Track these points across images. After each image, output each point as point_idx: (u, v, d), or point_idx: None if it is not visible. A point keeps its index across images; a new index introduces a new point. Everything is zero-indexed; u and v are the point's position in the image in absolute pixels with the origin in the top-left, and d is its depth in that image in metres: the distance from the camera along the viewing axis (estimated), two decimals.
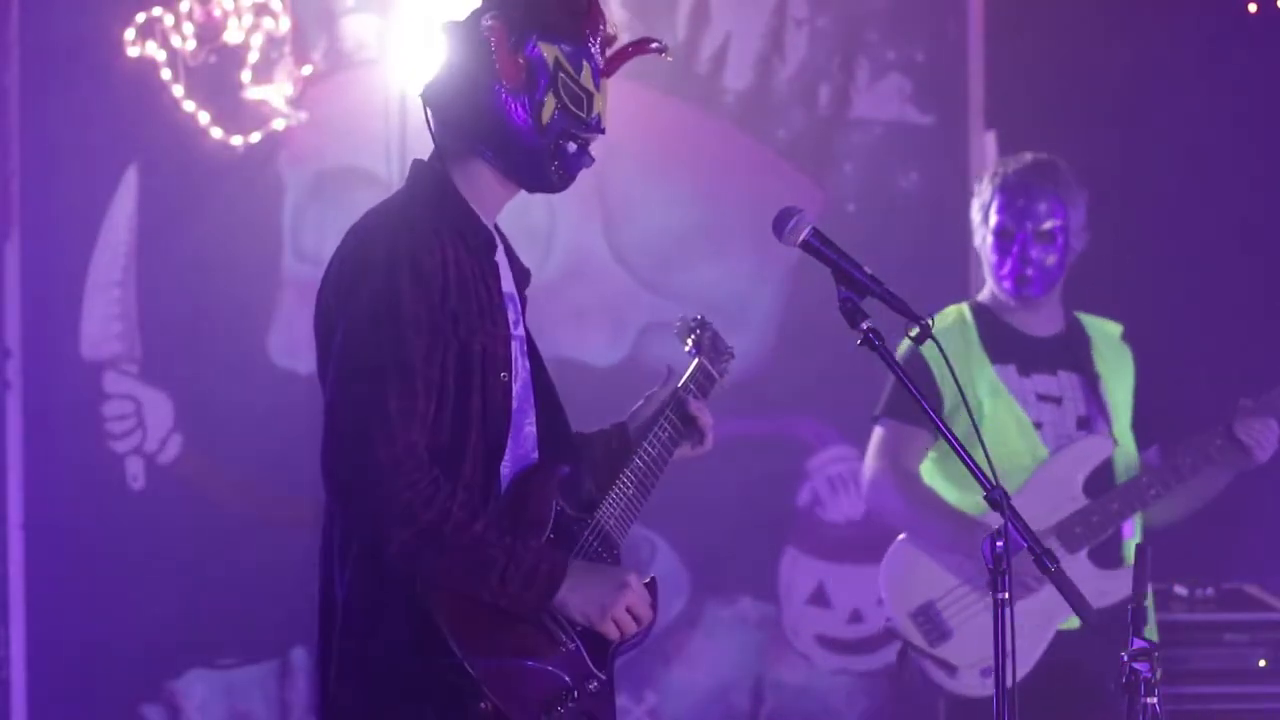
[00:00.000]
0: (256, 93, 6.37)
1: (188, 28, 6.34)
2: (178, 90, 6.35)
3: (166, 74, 6.34)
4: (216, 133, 6.37)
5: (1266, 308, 6.28)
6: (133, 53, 6.33)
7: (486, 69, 3.37)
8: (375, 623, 3.28)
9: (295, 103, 6.39)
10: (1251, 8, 6.44)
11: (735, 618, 6.59)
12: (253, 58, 6.36)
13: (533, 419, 3.47)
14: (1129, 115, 6.27)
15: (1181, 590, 5.64)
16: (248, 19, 6.36)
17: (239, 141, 6.38)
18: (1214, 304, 6.23)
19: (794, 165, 6.61)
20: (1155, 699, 3.63)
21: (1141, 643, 3.70)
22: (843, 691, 6.60)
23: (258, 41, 6.37)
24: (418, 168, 3.48)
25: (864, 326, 3.32)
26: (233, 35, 6.35)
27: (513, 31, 3.36)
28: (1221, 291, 6.26)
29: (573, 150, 3.41)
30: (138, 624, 6.32)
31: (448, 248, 3.33)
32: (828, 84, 6.61)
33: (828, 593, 6.63)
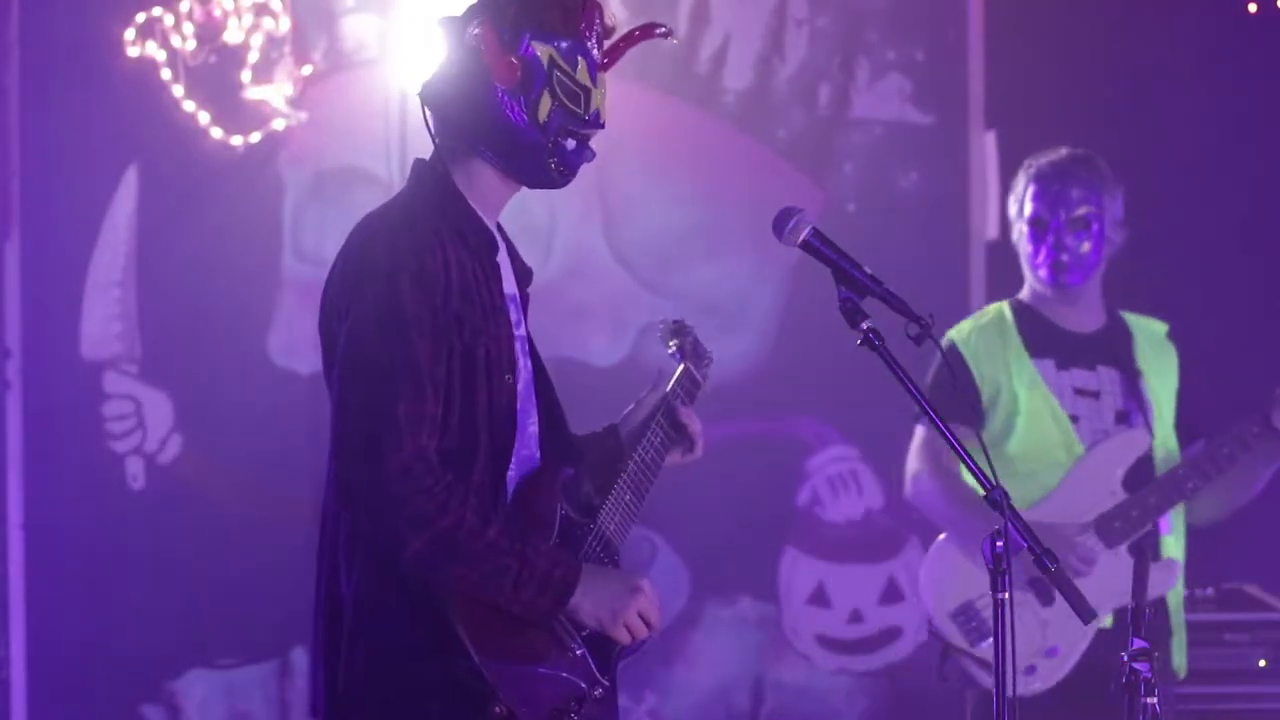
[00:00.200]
0: (256, 93, 6.37)
1: (188, 28, 6.34)
2: (178, 90, 6.35)
3: (166, 74, 6.35)
4: (216, 133, 6.37)
5: (1267, 308, 6.28)
6: (133, 53, 6.33)
7: (480, 70, 3.35)
8: (386, 625, 3.26)
9: (295, 103, 6.39)
10: (1251, 8, 6.44)
11: (735, 618, 6.58)
12: (253, 58, 6.36)
13: (535, 419, 3.46)
14: (1129, 115, 6.27)
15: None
16: (248, 19, 6.35)
17: (239, 141, 6.38)
18: (1214, 304, 6.22)
19: (794, 165, 6.61)
20: (1155, 699, 3.63)
21: (1141, 643, 3.70)
22: (843, 691, 6.60)
23: (258, 41, 6.37)
24: (419, 167, 3.46)
25: (864, 326, 3.31)
26: (233, 35, 6.35)
27: (504, 32, 3.34)
28: (1221, 291, 6.26)
29: (572, 147, 3.39)
30: (138, 624, 6.32)
31: (449, 249, 3.31)
32: (828, 84, 6.61)
33: (828, 593, 6.63)
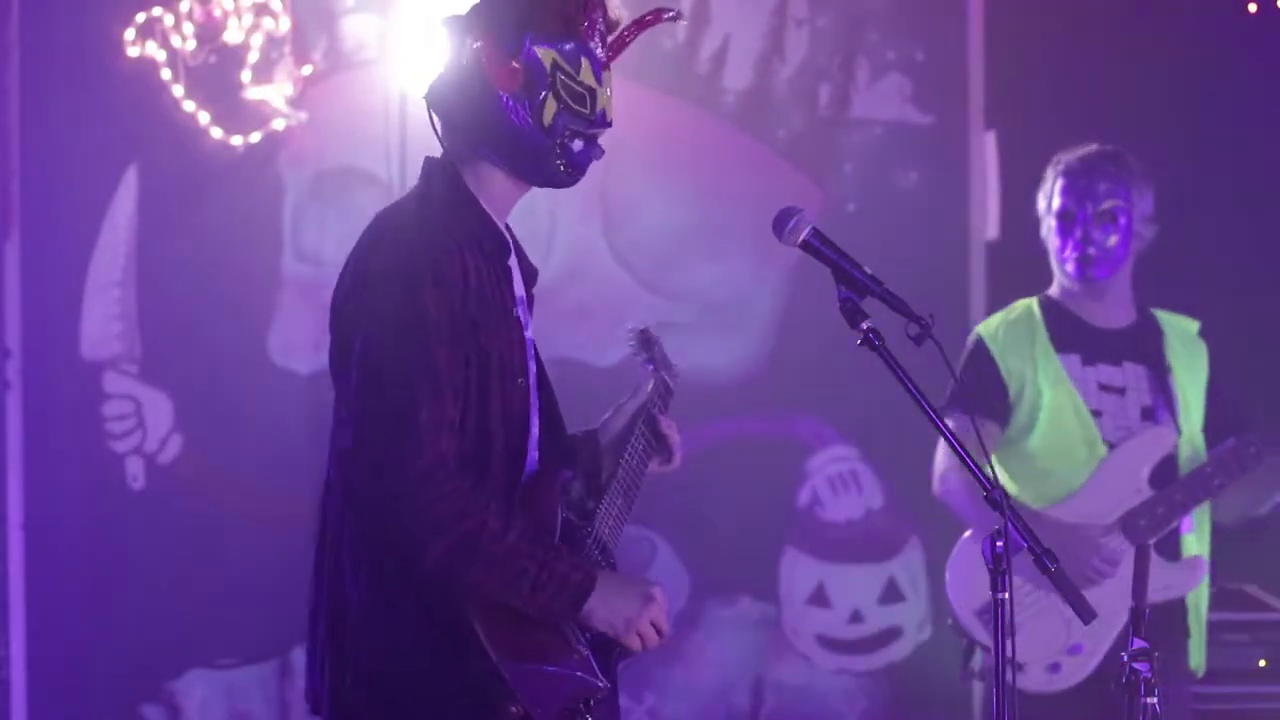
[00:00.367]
0: (256, 93, 6.37)
1: (188, 28, 6.34)
2: (178, 90, 6.35)
3: (166, 74, 6.34)
4: (216, 133, 6.37)
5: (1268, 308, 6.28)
6: (133, 53, 6.33)
7: (483, 79, 3.34)
8: (398, 626, 3.25)
9: (295, 103, 6.39)
10: (1251, 8, 6.44)
11: (735, 618, 6.58)
12: (253, 58, 6.36)
13: (537, 421, 3.46)
14: (1129, 115, 6.26)
15: None
16: (248, 19, 6.35)
17: (239, 141, 6.38)
18: (1215, 303, 6.22)
19: (794, 165, 6.61)
20: (1155, 699, 3.63)
21: (1141, 643, 3.70)
22: (843, 691, 6.60)
23: (258, 41, 6.36)
24: (430, 166, 3.44)
25: (864, 326, 3.31)
26: (233, 35, 6.35)
27: (505, 38, 3.33)
28: (1219, 290, 6.25)
29: (579, 148, 3.39)
30: (138, 624, 6.32)
31: (466, 253, 3.30)
32: (828, 84, 6.61)
33: (828, 593, 6.63)
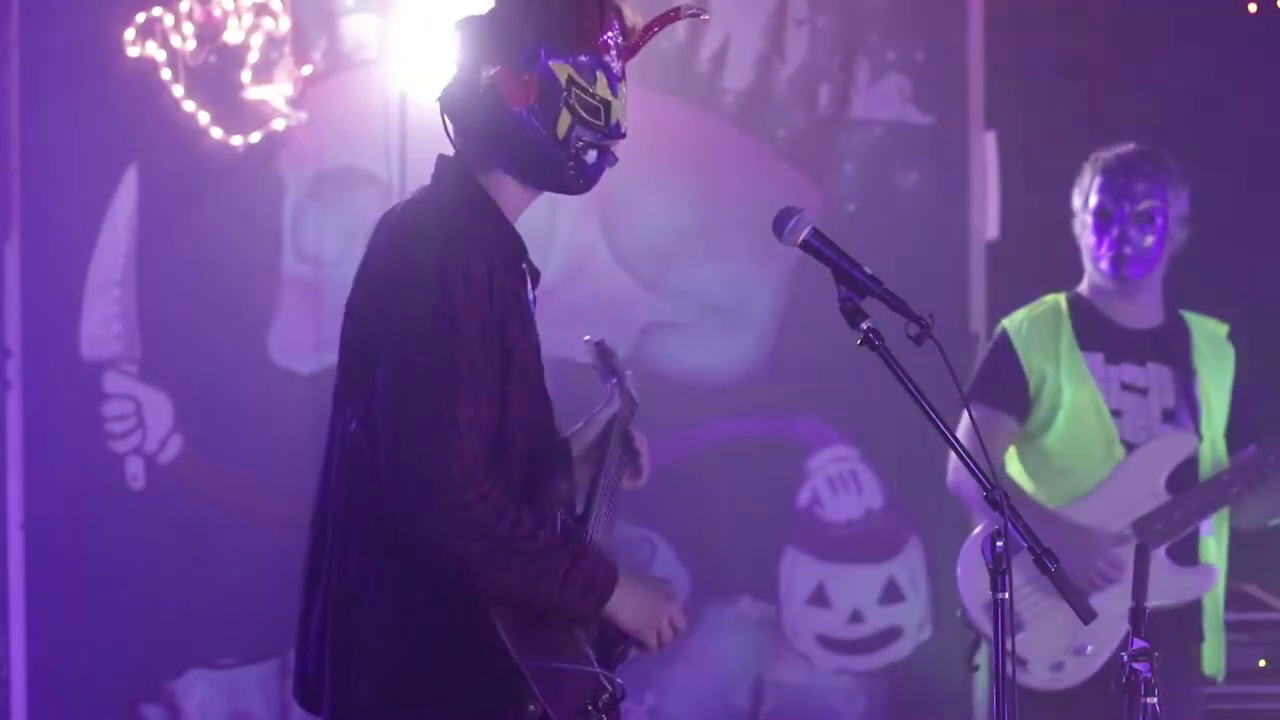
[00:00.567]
0: (256, 93, 6.37)
1: (188, 28, 6.34)
2: (178, 90, 6.35)
3: (166, 74, 6.34)
4: (216, 133, 6.37)
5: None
6: (133, 53, 6.33)
7: (497, 97, 3.33)
8: (415, 626, 3.25)
9: (295, 103, 6.39)
10: (1251, 8, 6.44)
11: (735, 618, 6.58)
12: (253, 58, 6.36)
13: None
14: (1129, 115, 6.26)
15: None
16: (248, 19, 6.35)
17: (239, 141, 6.38)
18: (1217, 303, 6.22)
19: (794, 165, 6.61)
20: (1155, 699, 3.63)
21: (1141, 643, 3.70)
22: (843, 691, 6.60)
23: (258, 41, 6.36)
24: (445, 168, 3.43)
25: (864, 326, 3.31)
26: (233, 35, 6.35)
27: (520, 53, 3.32)
28: (1219, 290, 6.25)
29: (593, 159, 3.39)
30: (138, 624, 6.32)
31: (492, 257, 3.31)
32: (828, 84, 6.61)
33: (828, 593, 6.63)
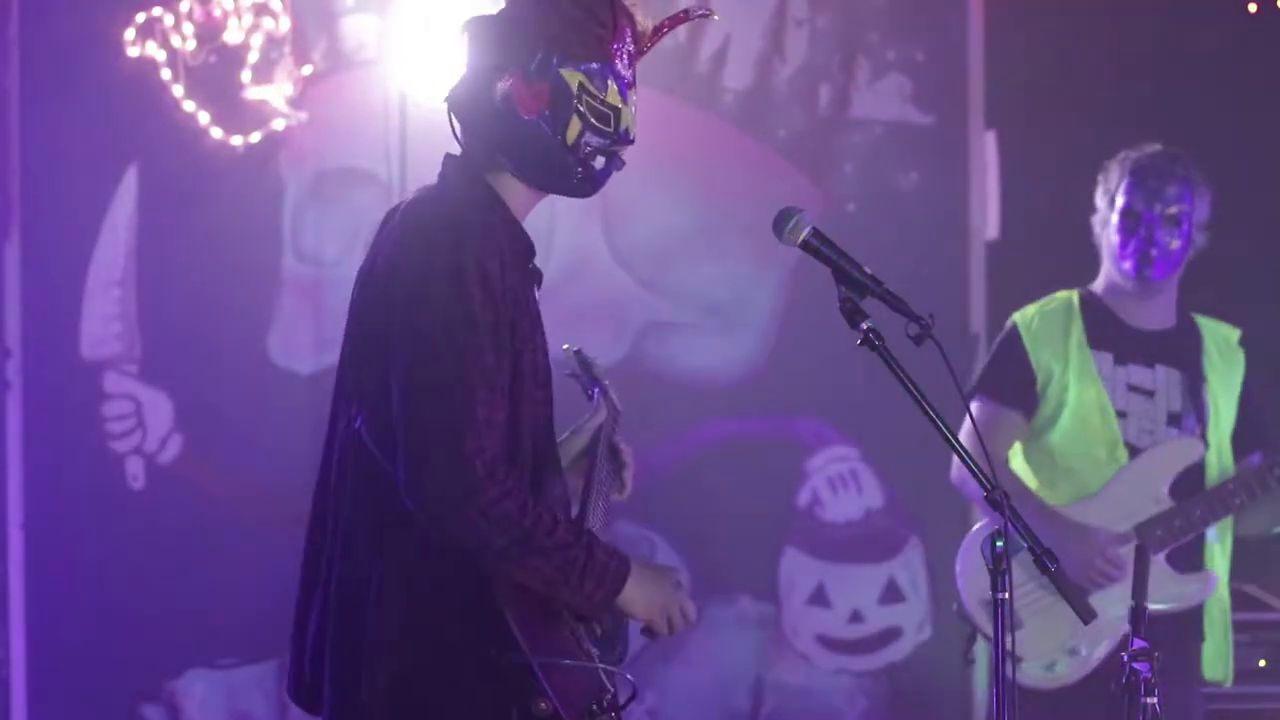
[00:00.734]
0: (256, 93, 6.37)
1: (188, 28, 6.34)
2: (178, 90, 6.35)
3: (166, 74, 6.34)
4: (216, 133, 6.37)
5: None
6: (133, 53, 6.33)
7: (509, 105, 3.33)
8: (423, 624, 3.25)
9: (295, 103, 6.39)
10: (1251, 8, 6.44)
11: (735, 618, 6.58)
12: (253, 58, 6.36)
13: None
14: (1129, 116, 6.26)
15: None
16: (248, 19, 6.35)
17: (239, 141, 6.38)
18: (1222, 303, 6.22)
19: (794, 165, 6.61)
20: (1155, 699, 3.63)
21: (1141, 643, 3.70)
22: (843, 691, 6.60)
23: (258, 41, 6.37)
24: (452, 166, 3.42)
25: (864, 326, 3.31)
26: (233, 35, 6.35)
27: (532, 61, 3.32)
28: (1215, 292, 6.25)
29: (601, 164, 3.40)
30: (138, 624, 6.31)
31: (504, 255, 3.31)
32: (828, 84, 6.61)
33: (828, 593, 6.63)
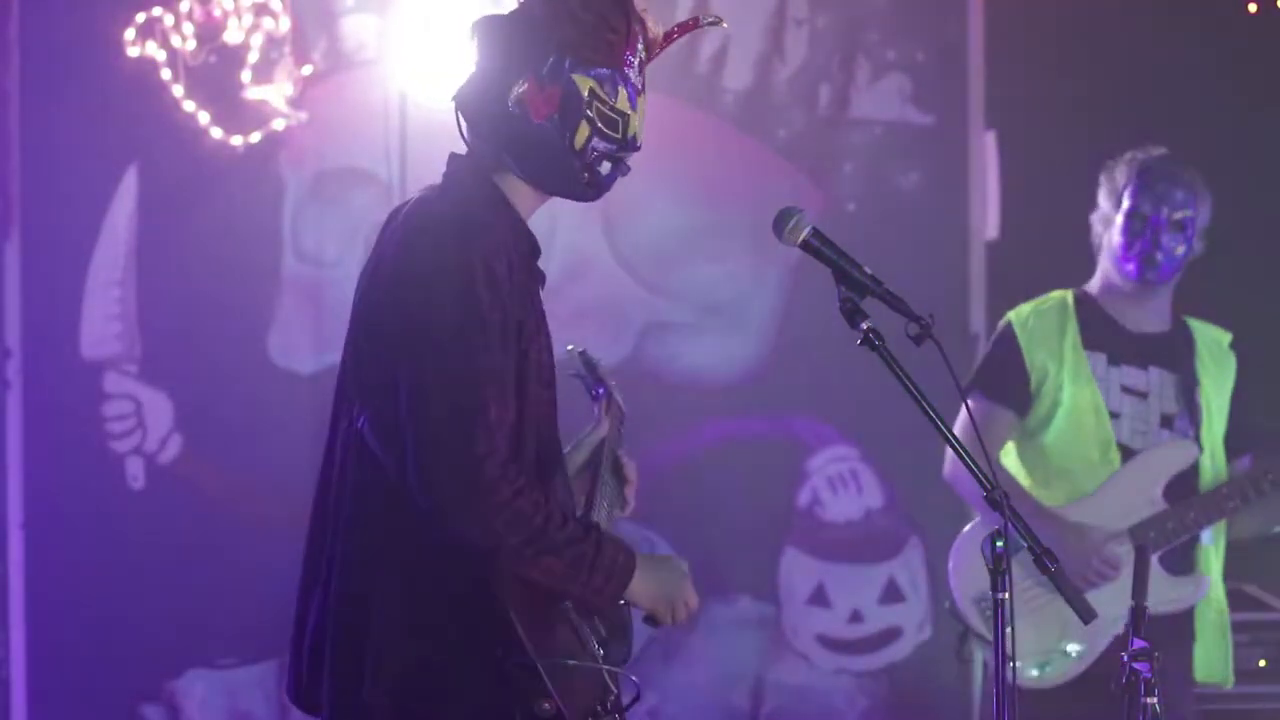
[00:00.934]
0: (256, 93, 6.37)
1: (188, 28, 6.34)
2: (178, 90, 6.35)
3: (166, 74, 6.34)
4: (216, 133, 6.37)
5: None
6: (133, 53, 6.33)
7: (522, 110, 3.32)
8: (427, 624, 3.25)
9: (295, 103, 6.39)
10: (1251, 8, 6.44)
11: (735, 618, 6.58)
12: (253, 58, 6.36)
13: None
14: (1128, 116, 6.26)
15: None
16: (248, 19, 6.35)
17: (239, 141, 6.38)
18: (1216, 305, 6.22)
19: (794, 165, 6.61)
20: (1155, 699, 3.63)
21: (1141, 643, 3.70)
22: (843, 691, 6.60)
23: (258, 41, 6.37)
24: (458, 166, 3.42)
25: (864, 326, 3.31)
26: (233, 35, 6.35)
27: (545, 66, 3.31)
28: (1215, 292, 6.25)
29: (607, 169, 3.40)
30: (138, 624, 6.31)
31: (513, 254, 3.32)
32: (828, 84, 6.61)
33: (828, 593, 6.63)
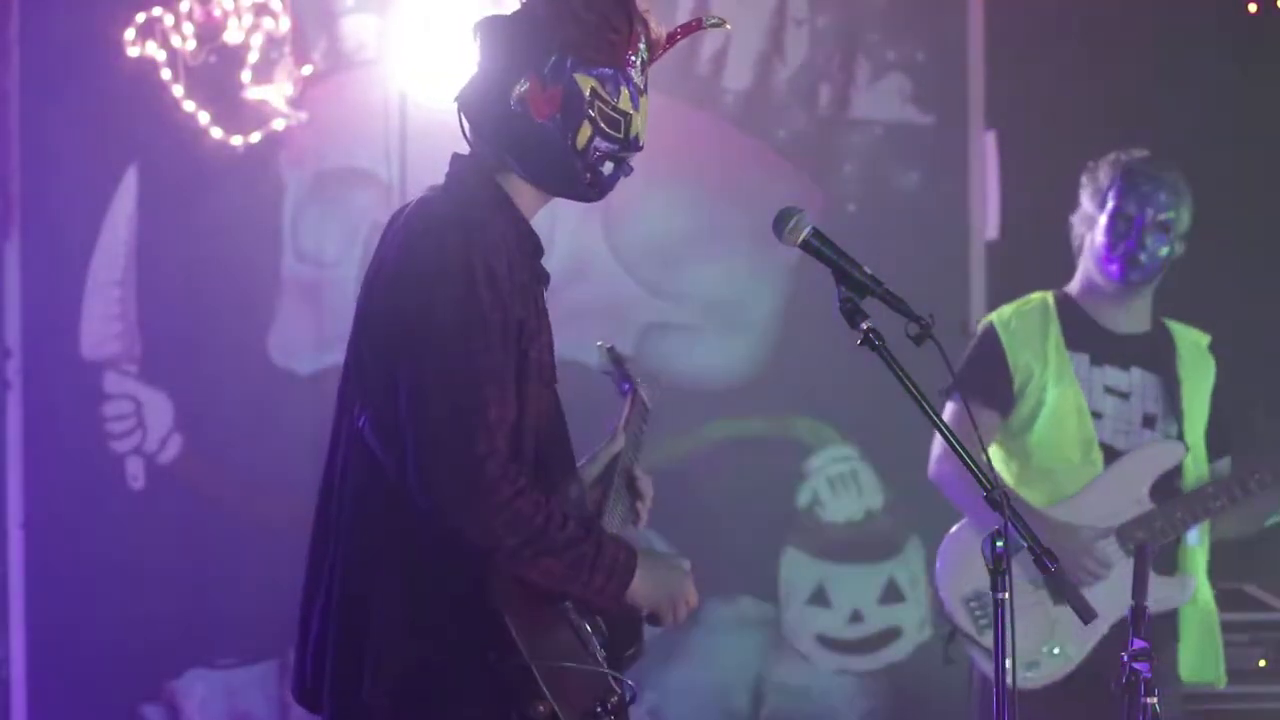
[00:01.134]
0: (256, 93, 6.37)
1: (188, 28, 6.34)
2: (178, 90, 6.35)
3: (166, 74, 6.34)
4: (216, 133, 6.37)
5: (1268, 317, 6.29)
6: (133, 53, 6.33)
7: (524, 109, 3.33)
8: (425, 625, 3.25)
9: (295, 103, 6.39)
10: (1251, 8, 6.44)
11: (735, 618, 6.58)
12: (253, 58, 6.36)
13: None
14: (1128, 116, 6.26)
15: None
16: (248, 19, 6.35)
17: (239, 141, 6.38)
18: (1214, 306, 6.22)
19: (794, 165, 6.62)
20: (1155, 699, 3.63)
21: (1141, 643, 3.70)
22: (843, 691, 6.60)
23: (258, 41, 6.37)
24: (461, 166, 3.43)
25: (864, 326, 3.31)
26: (233, 35, 6.35)
27: (547, 65, 3.32)
28: (1214, 292, 6.26)
29: (609, 170, 3.40)
30: (138, 624, 6.31)
31: (513, 253, 3.32)
32: (828, 84, 6.61)
33: (828, 593, 6.63)
